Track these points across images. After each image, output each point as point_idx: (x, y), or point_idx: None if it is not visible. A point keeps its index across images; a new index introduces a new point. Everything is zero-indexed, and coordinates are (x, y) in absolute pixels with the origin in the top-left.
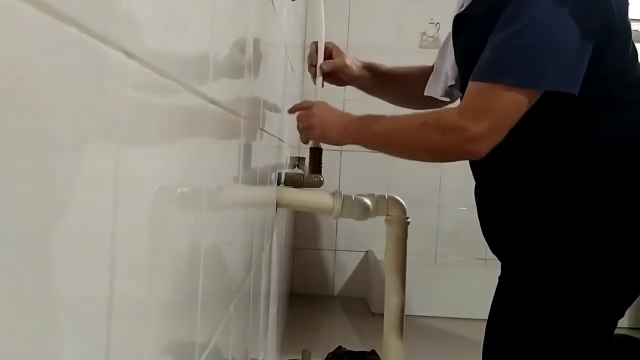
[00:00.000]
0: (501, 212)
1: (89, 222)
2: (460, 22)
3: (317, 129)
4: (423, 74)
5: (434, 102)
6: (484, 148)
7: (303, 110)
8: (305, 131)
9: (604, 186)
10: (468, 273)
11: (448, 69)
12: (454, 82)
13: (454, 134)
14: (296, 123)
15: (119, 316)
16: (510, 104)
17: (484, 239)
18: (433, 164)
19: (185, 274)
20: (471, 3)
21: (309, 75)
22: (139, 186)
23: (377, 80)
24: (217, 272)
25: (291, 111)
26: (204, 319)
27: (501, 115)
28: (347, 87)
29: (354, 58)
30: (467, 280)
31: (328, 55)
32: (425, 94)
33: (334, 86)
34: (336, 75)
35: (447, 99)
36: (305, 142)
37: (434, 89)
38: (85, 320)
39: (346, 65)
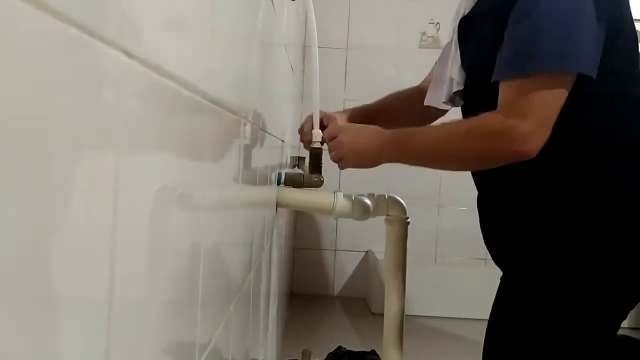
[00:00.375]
0: (506, 218)
1: (89, 222)
2: (466, 26)
3: (351, 159)
4: (410, 100)
5: (425, 118)
6: (535, 145)
7: (331, 141)
8: (341, 163)
9: (612, 186)
10: (468, 273)
11: (454, 75)
12: (462, 87)
13: (503, 137)
14: (305, 133)
15: (119, 316)
16: (549, 93)
17: (484, 239)
18: None
19: (185, 274)
20: (475, 5)
21: (309, 75)
22: (139, 186)
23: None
24: (217, 272)
25: (307, 146)
26: (204, 319)
27: (545, 107)
28: (347, 87)
29: (342, 113)
30: (467, 280)
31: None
32: (425, 104)
33: (333, 85)
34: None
35: (449, 107)
36: (341, 168)
37: (435, 98)
38: (85, 320)
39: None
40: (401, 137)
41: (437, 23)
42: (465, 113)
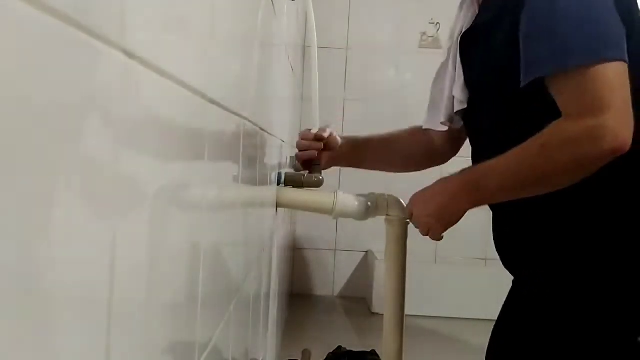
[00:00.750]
0: (523, 221)
1: (88, 222)
2: (467, 41)
3: (436, 226)
4: (414, 132)
5: (427, 147)
6: (627, 136)
7: (412, 220)
8: (432, 235)
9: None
10: (468, 273)
11: (456, 93)
12: (465, 106)
13: (590, 138)
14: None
15: (119, 316)
16: (616, 81)
17: (484, 239)
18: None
19: (185, 274)
20: (476, 18)
21: (309, 75)
22: (139, 186)
23: (360, 149)
24: (217, 272)
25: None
26: (204, 319)
27: (616, 93)
28: (348, 87)
29: (342, 139)
30: (467, 280)
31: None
32: (424, 127)
33: (333, 85)
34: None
35: (446, 127)
36: (437, 240)
37: (433, 120)
38: (85, 320)
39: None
40: (471, 179)
41: (437, 23)
42: (471, 133)
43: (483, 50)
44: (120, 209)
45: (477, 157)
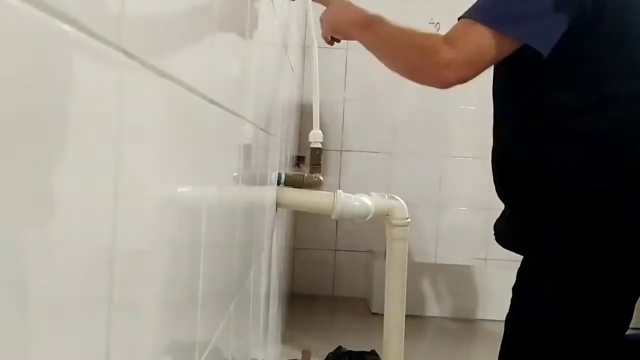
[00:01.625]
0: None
1: (88, 222)
2: None
3: (325, 29)
4: None
5: None
6: (451, 76)
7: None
8: (322, 24)
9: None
10: (468, 273)
11: None
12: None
13: (430, 55)
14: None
15: (119, 316)
16: (485, 42)
17: (484, 239)
18: (433, 162)
19: (185, 274)
20: None
21: (309, 75)
22: (139, 186)
23: None
24: (217, 272)
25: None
26: (204, 319)
27: (474, 50)
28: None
29: None
30: (467, 280)
31: None
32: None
33: (333, 85)
34: None
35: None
36: (325, 39)
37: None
38: (85, 320)
39: None
40: (373, 21)
41: (437, 23)
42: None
43: None
44: (120, 208)
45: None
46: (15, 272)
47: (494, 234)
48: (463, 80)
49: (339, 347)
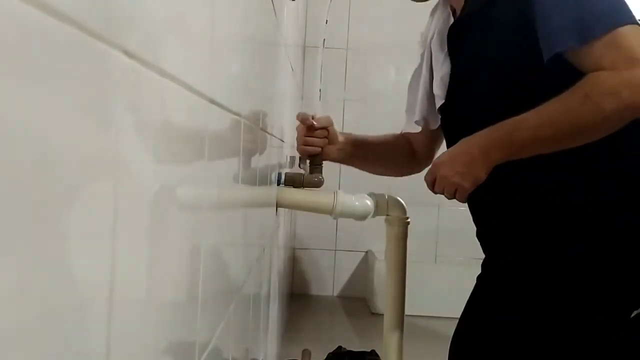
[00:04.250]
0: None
1: (89, 222)
2: (458, 30)
3: (463, 185)
4: (396, 141)
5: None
6: None
7: (435, 184)
8: (459, 195)
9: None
10: (468, 273)
11: (436, 90)
12: (443, 101)
13: (627, 87)
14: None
15: (119, 316)
16: (637, 35)
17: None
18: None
19: (185, 274)
20: (463, 8)
21: (309, 75)
22: (139, 186)
23: (357, 148)
24: (217, 272)
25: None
26: (204, 319)
27: None
28: (348, 87)
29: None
30: (467, 280)
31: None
32: (403, 130)
33: (333, 86)
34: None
35: (419, 128)
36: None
37: (410, 122)
38: (85, 321)
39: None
40: (501, 132)
41: None
42: (451, 127)
43: (477, 37)
44: (121, 208)
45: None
46: (16, 270)
47: None
48: None
49: (339, 347)
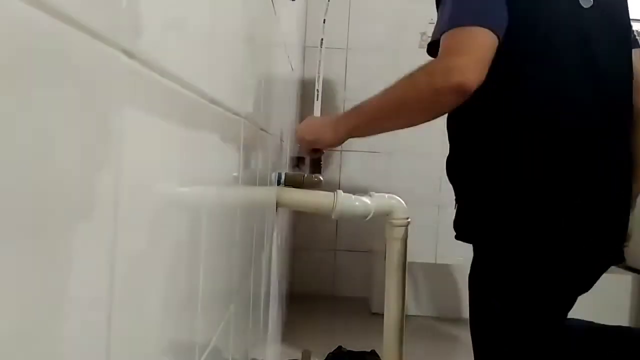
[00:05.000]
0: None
1: (89, 223)
2: None
3: (305, 138)
4: None
5: None
6: (472, 78)
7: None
8: (300, 143)
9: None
10: (468, 273)
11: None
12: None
13: (442, 71)
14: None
15: (119, 316)
16: (481, 39)
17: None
18: (433, 162)
19: (185, 274)
20: None
21: (309, 75)
22: (138, 186)
23: None
24: (217, 272)
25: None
26: (204, 319)
27: (477, 49)
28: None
29: None
30: (466, 280)
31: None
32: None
33: (333, 85)
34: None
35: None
36: (307, 154)
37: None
38: (85, 320)
39: None
40: (351, 109)
41: None
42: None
43: None
44: (120, 208)
45: None
46: (16, 270)
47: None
48: (480, 82)
49: (339, 347)
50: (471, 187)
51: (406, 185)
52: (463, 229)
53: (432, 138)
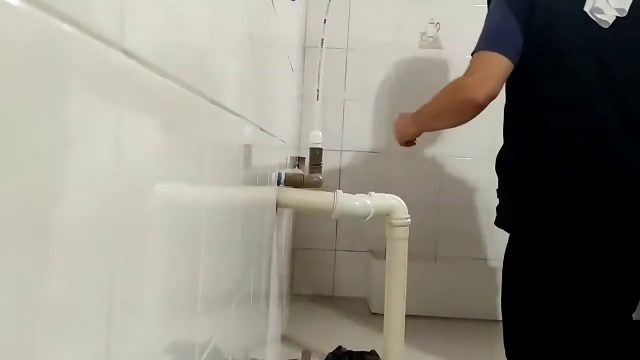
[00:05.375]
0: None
1: (87, 223)
2: None
3: (397, 132)
4: None
5: None
6: (479, 93)
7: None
8: (402, 137)
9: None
10: (468, 273)
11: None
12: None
13: (458, 88)
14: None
15: (119, 316)
16: (487, 60)
17: (484, 239)
18: (433, 162)
19: (185, 274)
20: None
21: (309, 75)
22: (138, 186)
23: None
24: (217, 272)
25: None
26: (204, 319)
27: (485, 68)
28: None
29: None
30: (467, 280)
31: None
32: None
33: (333, 86)
34: None
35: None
36: (403, 145)
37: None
38: (85, 321)
39: None
40: (418, 111)
41: (437, 23)
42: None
43: None
44: (120, 208)
45: None
46: (15, 270)
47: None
48: (490, 94)
49: (339, 347)
50: (514, 182)
51: (406, 185)
52: (503, 219)
53: (433, 138)
